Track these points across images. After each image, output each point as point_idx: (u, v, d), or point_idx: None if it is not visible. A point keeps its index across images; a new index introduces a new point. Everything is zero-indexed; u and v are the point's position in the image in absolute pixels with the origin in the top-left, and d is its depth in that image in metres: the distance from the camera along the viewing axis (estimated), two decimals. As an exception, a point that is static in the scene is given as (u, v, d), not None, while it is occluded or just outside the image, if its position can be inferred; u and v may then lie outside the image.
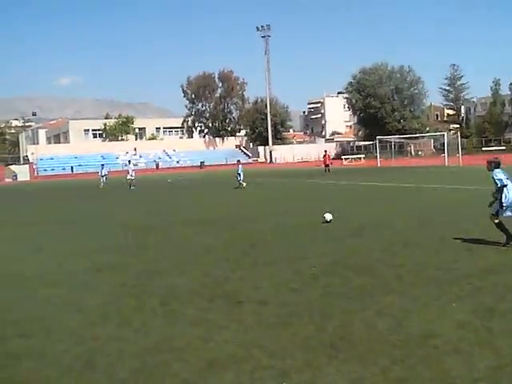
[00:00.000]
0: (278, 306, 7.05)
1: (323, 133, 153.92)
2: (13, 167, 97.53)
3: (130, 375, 5.12)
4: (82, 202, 29.71)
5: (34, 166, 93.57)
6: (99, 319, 6.84)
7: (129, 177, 41.36)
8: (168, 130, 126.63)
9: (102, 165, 46.31)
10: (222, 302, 7.33)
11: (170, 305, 7.32)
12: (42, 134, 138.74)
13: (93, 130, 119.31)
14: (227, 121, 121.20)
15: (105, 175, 44.25)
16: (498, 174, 10.12)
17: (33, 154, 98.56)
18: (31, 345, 6.07)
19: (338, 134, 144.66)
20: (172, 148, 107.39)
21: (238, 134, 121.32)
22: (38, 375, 5.25)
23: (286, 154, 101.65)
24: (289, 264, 9.61)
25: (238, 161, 37.17)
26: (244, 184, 32.50)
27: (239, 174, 33.31)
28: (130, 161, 49.04)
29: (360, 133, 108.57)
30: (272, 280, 8.44)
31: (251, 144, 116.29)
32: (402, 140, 75.87)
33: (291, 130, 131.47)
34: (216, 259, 10.39)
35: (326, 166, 46.56)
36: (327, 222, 14.41)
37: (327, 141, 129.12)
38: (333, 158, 61.83)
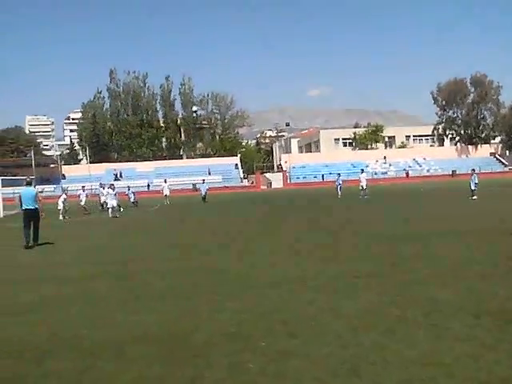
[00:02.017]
0: (558, 329, 6.43)
1: None
2: (268, 175, 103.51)
3: (398, 386, 5.04)
4: (328, 210, 30.48)
5: (287, 174, 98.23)
6: (362, 326, 6.86)
7: (361, 186, 42.22)
8: (418, 137, 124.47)
9: (339, 174, 47.32)
10: (490, 320, 6.87)
11: (434, 317, 7.08)
12: (294, 143, 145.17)
13: (343, 139, 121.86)
14: (480, 127, 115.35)
15: (340, 184, 45.12)
16: None
17: (286, 162, 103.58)
18: (298, 344, 6.29)
19: None
20: (422, 156, 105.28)
21: (492, 141, 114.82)
22: (307, 375, 5.40)
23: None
24: None
25: (473, 170, 35.61)
26: (475, 197, 31.61)
27: (470, 184, 33.07)
28: (362, 170, 49.20)
29: None
30: (546, 300, 7.74)
31: (507, 151, 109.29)
32: None
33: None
34: (478, 273, 9.82)
35: None
36: None
37: None
38: None
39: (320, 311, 7.69)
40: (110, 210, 31.72)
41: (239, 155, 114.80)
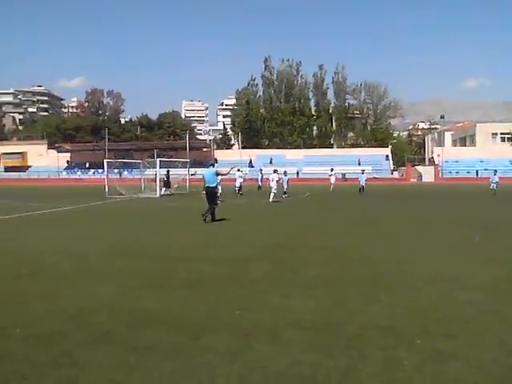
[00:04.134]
0: None
1: None
2: (419, 168, 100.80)
3: None
4: (482, 208, 29.17)
5: (439, 168, 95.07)
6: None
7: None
8: None
9: (495, 171, 45.54)
10: None
11: None
12: (447, 136, 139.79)
13: (501, 134, 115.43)
14: None
15: (496, 182, 43.20)
16: None
17: (438, 155, 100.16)
18: (456, 346, 6.02)
19: None
20: None
21: None
22: (467, 379, 5.15)
23: None
24: None
25: None
26: None
27: None
28: None
29: None
30: None
31: None
32: None
33: None
34: None
35: None
36: None
37: None
38: None
39: (479, 313, 7.33)
40: (271, 194, 32.72)
41: (390, 146, 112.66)
